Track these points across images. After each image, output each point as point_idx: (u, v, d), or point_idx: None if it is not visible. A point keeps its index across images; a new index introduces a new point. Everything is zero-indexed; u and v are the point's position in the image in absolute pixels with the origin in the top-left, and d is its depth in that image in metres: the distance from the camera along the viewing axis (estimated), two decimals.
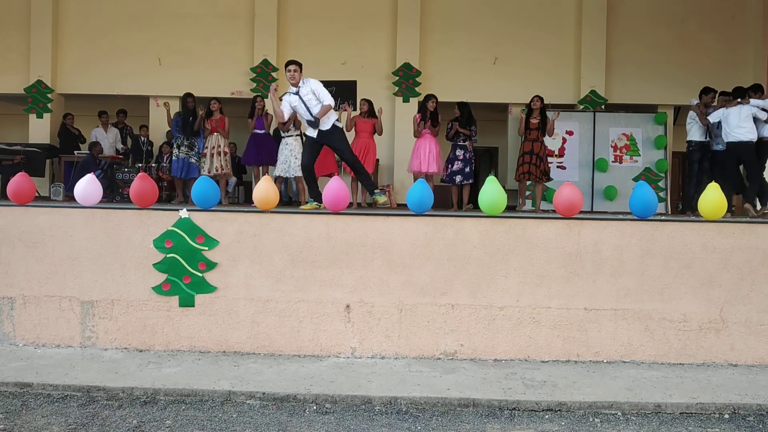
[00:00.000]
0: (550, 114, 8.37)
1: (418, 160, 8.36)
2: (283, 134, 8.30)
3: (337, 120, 6.76)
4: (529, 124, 8.16)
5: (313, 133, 6.67)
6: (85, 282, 5.62)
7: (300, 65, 6.61)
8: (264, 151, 8.69)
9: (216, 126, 8.58)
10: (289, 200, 9.57)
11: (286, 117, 6.81)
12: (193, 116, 8.66)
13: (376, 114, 8.42)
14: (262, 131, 8.75)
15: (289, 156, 8.16)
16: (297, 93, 6.57)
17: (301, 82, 6.58)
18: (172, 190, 9.65)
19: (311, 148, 6.77)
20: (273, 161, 8.53)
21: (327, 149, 8.43)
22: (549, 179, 8.61)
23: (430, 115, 8.36)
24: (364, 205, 8.72)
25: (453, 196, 8.68)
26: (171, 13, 11.03)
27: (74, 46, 11.10)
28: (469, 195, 8.56)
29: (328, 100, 6.59)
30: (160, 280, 5.55)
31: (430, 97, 8.51)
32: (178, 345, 5.56)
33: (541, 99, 8.23)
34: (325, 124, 6.62)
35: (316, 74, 10.02)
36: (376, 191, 6.87)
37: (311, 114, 6.53)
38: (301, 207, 6.57)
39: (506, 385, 4.76)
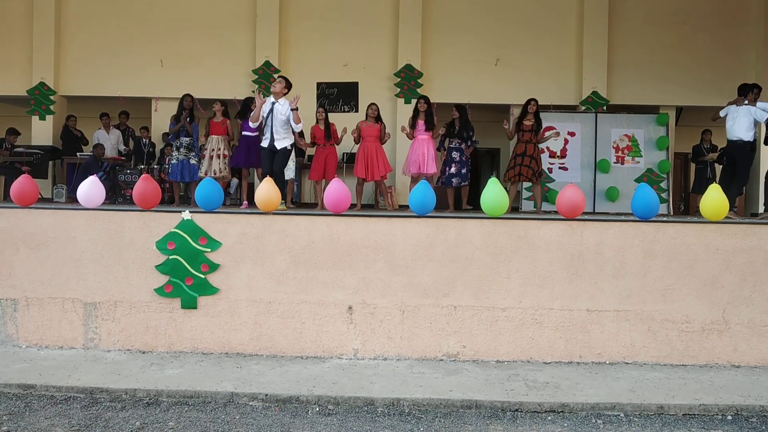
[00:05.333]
0: (550, 130, 8.36)
1: (417, 163, 8.33)
2: None
3: (291, 144, 7.42)
4: (523, 126, 8.13)
5: (265, 143, 7.28)
6: (88, 284, 5.63)
7: (288, 85, 7.27)
8: (253, 154, 8.45)
9: (217, 127, 8.54)
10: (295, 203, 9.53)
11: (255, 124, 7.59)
12: (190, 116, 8.60)
13: (382, 120, 8.41)
14: (254, 134, 8.60)
15: None
16: (272, 104, 7.11)
17: (282, 99, 7.17)
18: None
19: (267, 159, 7.32)
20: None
21: (331, 159, 8.47)
22: (543, 179, 8.55)
23: (422, 115, 8.33)
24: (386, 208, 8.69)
25: (449, 198, 8.63)
26: (173, 15, 11.04)
27: (76, 47, 11.11)
28: (467, 196, 8.54)
29: (299, 128, 7.29)
30: (162, 281, 5.56)
31: (420, 97, 8.57)
32: (180, 346, 5.57)
33: (535, 101, 8.20)
34: (283, 144, 7.21)
35: (318, 76, 10.19)
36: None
37: (278, 127, 7.14)
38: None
39: (509, 386, 4.76)
